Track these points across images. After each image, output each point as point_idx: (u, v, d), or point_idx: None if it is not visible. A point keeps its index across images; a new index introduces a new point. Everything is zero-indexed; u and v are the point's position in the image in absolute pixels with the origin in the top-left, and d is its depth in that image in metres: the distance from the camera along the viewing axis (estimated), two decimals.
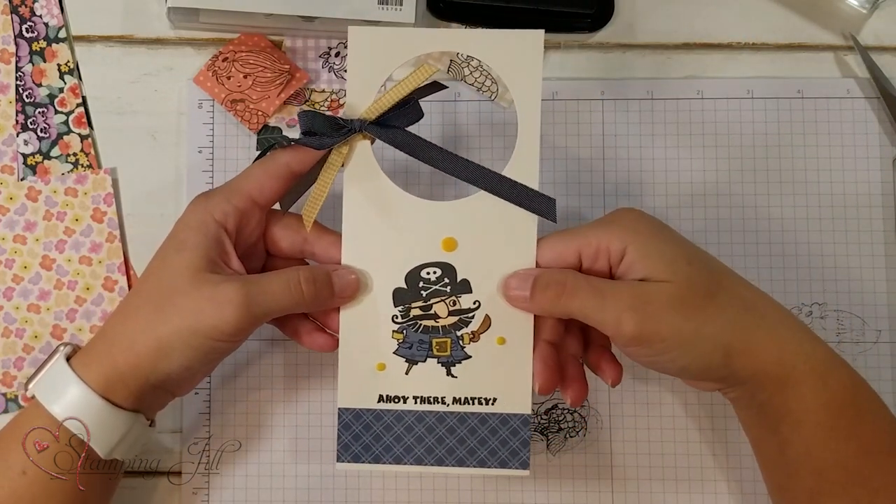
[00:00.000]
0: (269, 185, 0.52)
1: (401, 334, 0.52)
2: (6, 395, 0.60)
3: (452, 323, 0.51)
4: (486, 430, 0.51)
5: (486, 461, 0.51)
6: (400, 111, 0.51)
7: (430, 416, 0.51)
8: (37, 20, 0.62)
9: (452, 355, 0.51)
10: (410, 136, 0.51)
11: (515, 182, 0.51)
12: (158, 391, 0.51)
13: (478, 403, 0.51)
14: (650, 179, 0.62)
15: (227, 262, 0.51)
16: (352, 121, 0.51)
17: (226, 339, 0.49)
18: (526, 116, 0.51)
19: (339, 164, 0.51)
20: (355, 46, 0.51)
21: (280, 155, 0.52)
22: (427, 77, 0.51)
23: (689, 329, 0.47)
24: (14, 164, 0.61)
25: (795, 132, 0.62)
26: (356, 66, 0.51)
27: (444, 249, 0.51)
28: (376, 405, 0.52)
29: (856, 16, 0.64)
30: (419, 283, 0.51)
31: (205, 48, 0.63)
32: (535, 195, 0.51)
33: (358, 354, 0.52)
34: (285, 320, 0.54)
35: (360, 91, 0.51)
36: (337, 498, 0.59)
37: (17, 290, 0.60)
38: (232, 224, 0.51)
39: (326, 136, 0.51)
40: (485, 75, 0.62)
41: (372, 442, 0.51)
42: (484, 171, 0.51)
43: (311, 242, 0.53)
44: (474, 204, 0.51)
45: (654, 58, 0.63)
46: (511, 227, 0.51)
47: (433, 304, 0.51)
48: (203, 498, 0.59)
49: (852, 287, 0.61)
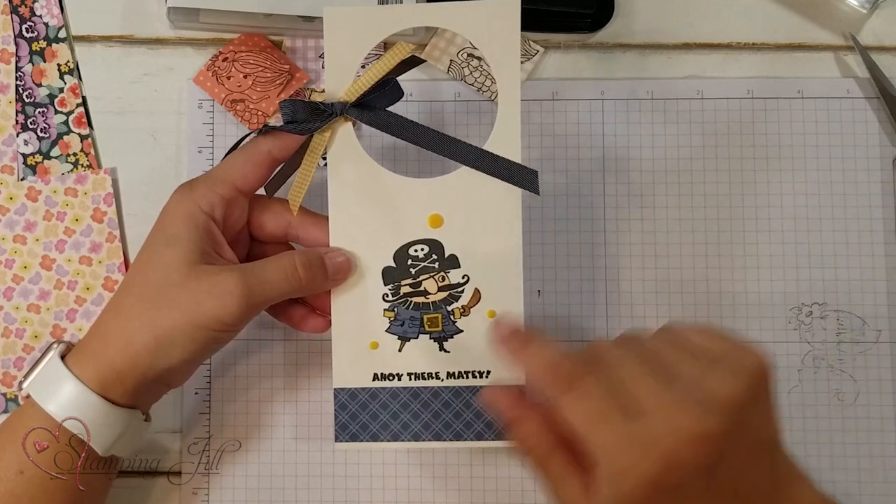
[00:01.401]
0: (251, 173, 0.52)
1: (392, 312, 0.52)
2: (6, 395, 0.60)
3: (442, 298, 0.52)
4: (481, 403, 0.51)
5: (483, 434, 0.51)
6: (380, 92, 0.51)
7: (425, 392, 0.52)
8: (37, 20, 0.62)
9: (444, 330, 0.52)
10: (392, 116, 0.51)
11: (497, 156, 0.51)
12: (155, 385, 0.51)
13: (472, 377, 0.52)
14: (650, 180, 0.62)
15: (220, 253, 0.51)
16: (332, 105, 0.51)
17: (226, 329, 0.49)
18: (505, 88, 0.51)
19: (322, 148, 0.52)
20: (331, 28, 0.51)
21: (261, 142, 0.52)
22: (403, 55, 0.51)
23: None
24: (14, 164, 0.61)
25: (795, 132, 0.62)
26: (333, 49, 0.51)
27: (431, 226, 0.52)
28: (371, 383, 0.52)
29: (856, 16, 0.64)
30: (408, 260, 0.52)
31: (205, 48, 0.63)
32: (518, 168, 0.51)
33: (350, 334, 0.52)
34: (278, 306, 0.54)
35: (339, 73, 0.51)
36: (337, 498, 0.59)
37: (17, 290, 0.60)
38: (219, 213, 0.51)
39: (308, 121, 0.51)
40: (485, 76, 0.62)
41: (369, 420, 0.52)
42: (466, 147, 0.51)
43: (295, 226, 0.53)
44: (458, 180, 0.51)
45: (654, 58, 0.63)
46: (495, 200, 0.51)
47: (422, 280, 0.52)
48: (203, 498, 0.59)
49: (852, 287, 0.61)
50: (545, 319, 0.61)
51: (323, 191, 0.52)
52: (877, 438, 0.60)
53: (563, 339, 0.60)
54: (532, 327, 0.50)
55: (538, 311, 0.61)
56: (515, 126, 0.51)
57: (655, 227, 0.61)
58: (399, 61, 0.51)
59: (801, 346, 0.61)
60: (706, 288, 0.61)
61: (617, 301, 0.61)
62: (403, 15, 0.51)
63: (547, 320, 0.61)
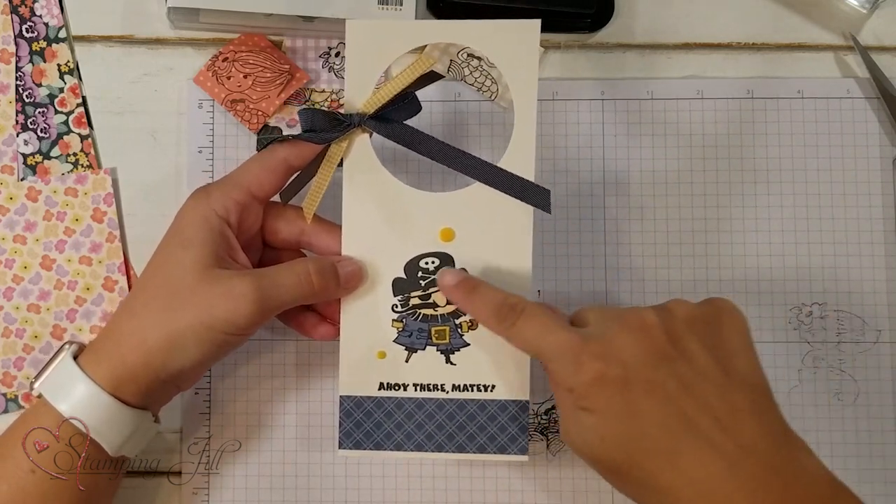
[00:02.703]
0: (267, 180, 0.52)
1: (400, 323, 0.52)
2: (6, 395, 0.60)
3: (451, 311, 0.52)
4: (485, 417, 0.52)
5: (486, 447, 0.52)
6: (399, 105, 0.52)
7: (429, 403, 0.52)
8: (37, 20, 0.62)
9: (451, 343, 0.52)
10: (409, 130, 0.51)
11: (511, 173, 0.51)
12: (166, 386, 0.51)
13: (477, 390, 0.52)
14: (650, 180, 0.62)
15: (234, 257, 0.51)
16: (351, 115, 0.51)
17: (239, 332, 0.50)
18: (522, 108, 0.51)
19: (338, 158, 0.52)
20: (353, 41, 0.51)
21: (278, 150, 0.52)
22: (424, 69, 0.51)
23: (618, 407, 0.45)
24: (14, 164, 0.61)
25: (795, 132, 0.62)
26: (354, 61, 0.51)
27: (442, 240, 0.52)
28: (377, 392, 0.52)
29: (856, 16, 0.64)
30: (418, 272, 0.52)
31: (205, 48, 0.63)
32: (531, 186, 0.51)
33: (358, 343, 0.52)
34: (289, 312, 0.54)
35: (358, 85, 0.51)
36: (337, 498, 0.59)
37: (17, 290, 0.60)
38: (234, 218, 0.51)
39: (326, 131, 0.51)
40: (485, 76, 0.62)
41: (373, 429, 0.52)
42: (480, 163, 0.51)
43: (308, 234, 0.53)
44: (471, 195, 0.52)
45: (654, 58, 0.63)
46: (507, 217, 0.52)
47: (432, 293, 0.52)
48: (203, 498, 0.59)
49: (852, 287, 0.61)
50: None
51: (336, 200, 0.52)
52: (877, 438, 0.60)
53: None
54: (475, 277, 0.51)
55: None
56: (530, 144, 0.51)
57: (655, 227, 0.61)
58: (419, 76, 0.51)
59: (801, 346, 0.61)
60: (706, 287, 0.61)
61: (617, 301, 0.61)
62: (425, 31, 0.52)
63: None
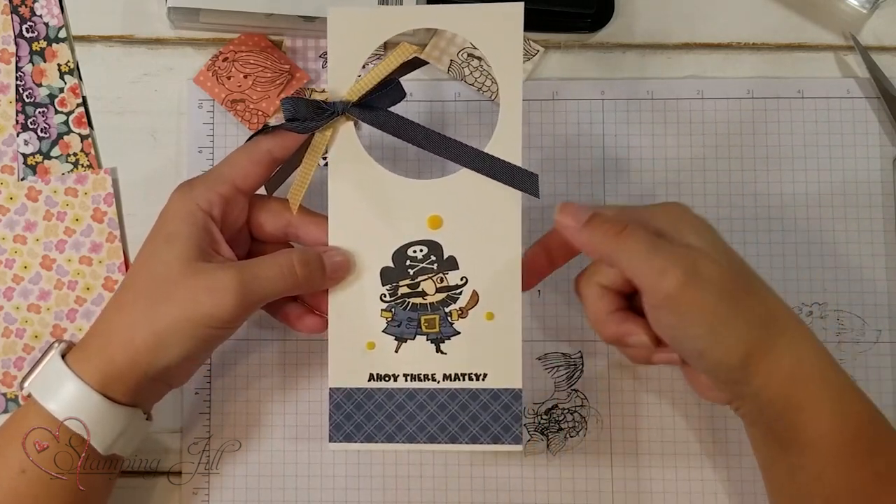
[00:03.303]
0: (251, 172, 0.52)
1: (389, 312, 0.52)
2: (6, 395, 0.60)
3: (440, 300, 0.52)
4: (477, 406, 0.51)
5: (479, 437, 0.51)
6: (382, 92, 0.51)
7: (420, 394, 0.52)
8: (37, 20, 0.62)
9: (441, 332, 0.52)
10: (393, 117, 0.51)
11: (498, 158, 0.51)
12: (156, 384, 0.51)
13: (468, 379, 0.51)
14: (650, 179, 0.62)
15: (218, 250, 0.51)
16: (334, 103, 0.51)
17: (223, 326, 0.49)
18: (507, 92, 0.51)
19: (322, 147, 0.52)
20: (335, 28, 0.51)
21: (262, 141, 0.52)
22: (407, 56, 0.51)
23: (723, 312, 0.47)
24: (14, 164, 0.61)
25: (795, 132, 0.62)
26: (337, 48, 0.51)
27: (430, 227, 0.52)
28: (367, 384, 0.52)
29: (856, 16, 0.64)
30: (406, 261, 0.52)
31: (205, 48, 0.63)
32: (518, 171, 0.51)
33: (347, 334, 0.52)
34: (275, 304, 0.54)
35: (342, 73, 0.51)
36: (337, 498, 0.59)
37: (17, 290, 0.60)
38: (217, 212, 0.51)
39: (310, 120, 0.51)
40: (485, 76, 0.62)
41: (363, 421, 0.52)
42: (467, 149, 0.51)
43: (295, 225, 0.53)
44: (458, 181, 0.51)
45: (654, 58, 0.63)
46: (495, 203, 0.51)
47: (421, 281, 0.52)
48: (203, 498, 0.59)
49: (852, 287, 0.61)
50: (545, 319, 0.61)
51: (323, 190, 0.52)
52: None
53: (562, 339, 0.60)
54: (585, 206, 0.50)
55: (538, 311, 0.61)
56: (516, 129, 0.51)
57: None
58: (402, 62, 0.51)
59: None
60: None
61: None
62: (407, 16, 0.52)
63: (547, 320, 0.61)
